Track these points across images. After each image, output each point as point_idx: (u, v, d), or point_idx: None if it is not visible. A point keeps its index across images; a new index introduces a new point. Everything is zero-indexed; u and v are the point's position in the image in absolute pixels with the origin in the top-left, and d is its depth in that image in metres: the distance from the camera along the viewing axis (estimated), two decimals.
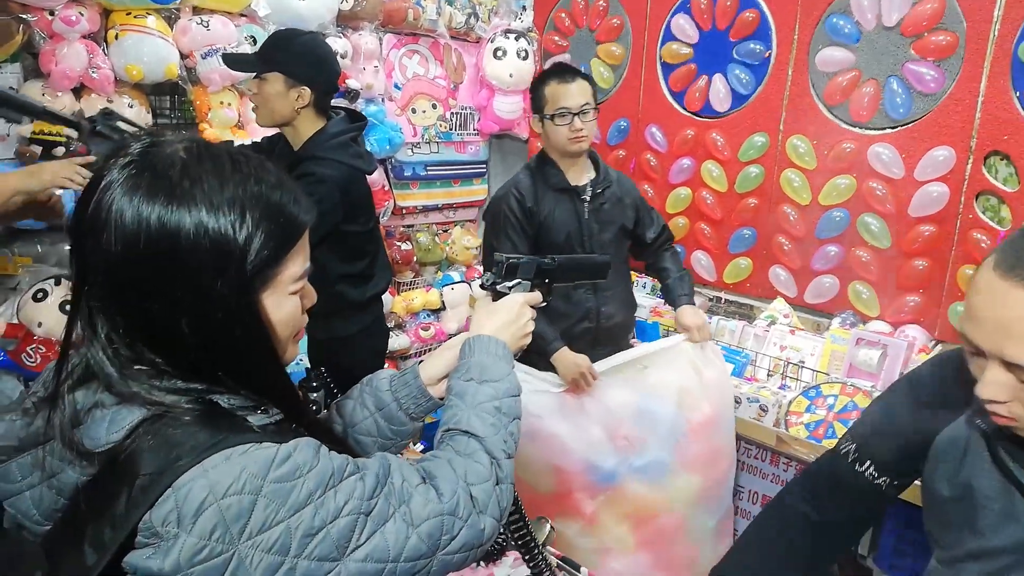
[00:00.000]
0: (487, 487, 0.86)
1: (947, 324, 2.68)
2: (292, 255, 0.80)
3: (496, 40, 3.59)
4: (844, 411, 2.51)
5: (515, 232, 2.35)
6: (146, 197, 0.71)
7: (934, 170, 2.61)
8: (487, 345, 1.01)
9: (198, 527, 0.67)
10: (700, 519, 2.38)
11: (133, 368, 0.75)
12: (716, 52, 3.11)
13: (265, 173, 0.79)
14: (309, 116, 2.14)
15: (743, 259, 3.21)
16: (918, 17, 2.55)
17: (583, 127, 2.29)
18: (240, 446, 0.71)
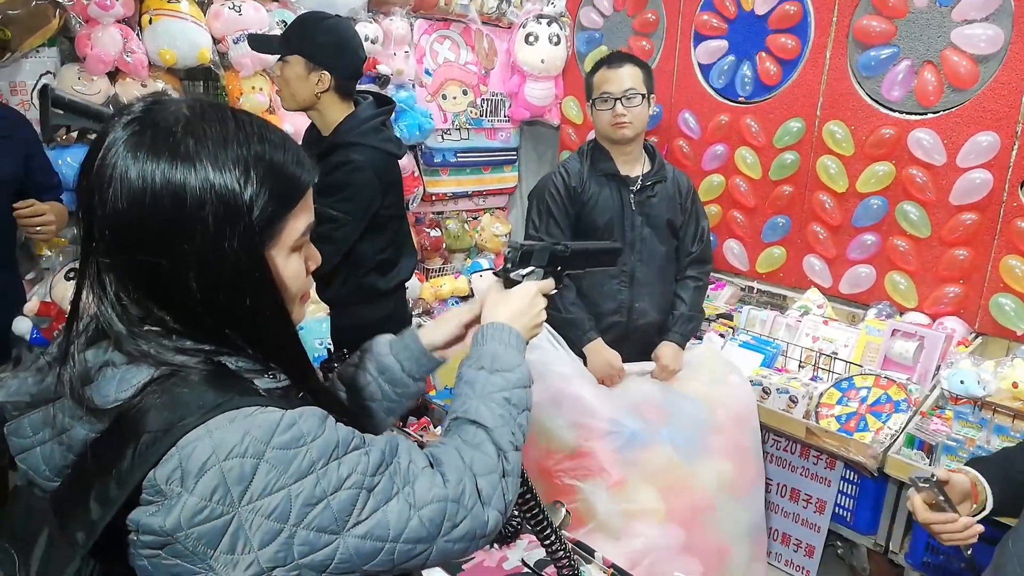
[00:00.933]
0: (493, 479, 0.85)
1: (988, 316, 2.59)
2: (296, 212, 0.81)
3: (528, 25, 3.56)
4: (877, 404, 2.44)
5: (558, 210, 2.33)
6: (151, 155, 0.72)
7: (977, 156, 2.52)
8: (500, 333, 1.00)
9: (200, 487, 0.68)
10: (734, 512, 2.31)
11: (143, 327, 0.75)
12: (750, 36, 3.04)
13: (268, 132, 0.79)
14: (333, 101, 2.12)
15: (777, 248, 3.14)
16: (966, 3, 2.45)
17: (625, 113, 2.23)
18: (245, 408, 0.72)
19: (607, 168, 2.33)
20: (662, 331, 2.40)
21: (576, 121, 3.74)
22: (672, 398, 2.32)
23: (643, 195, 2.34)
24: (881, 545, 2.51)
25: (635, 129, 2.27)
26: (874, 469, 2.31)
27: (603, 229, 2.32)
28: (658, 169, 2.36)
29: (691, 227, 2.43)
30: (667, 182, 2.37)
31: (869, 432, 2.37)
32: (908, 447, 2.28)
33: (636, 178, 2.34)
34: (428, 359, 1.09)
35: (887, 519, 2.49)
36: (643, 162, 2.37)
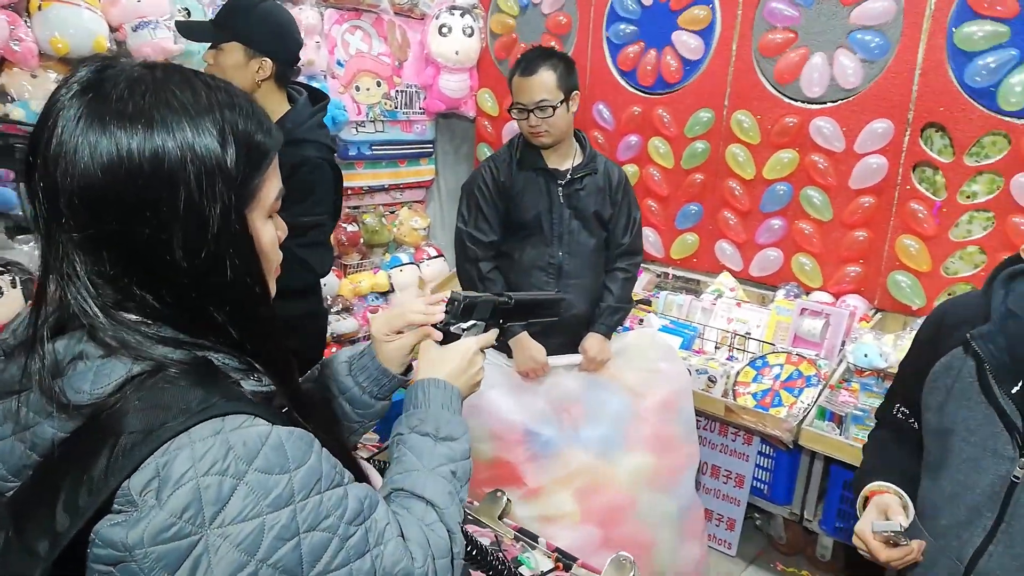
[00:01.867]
0: (445, 563, 0.82)
1: (886, 293, 2.76)
2: (268, 175, 0.77)
3: (441, 16, 3.53)
4: (790, 379, 2.56)
5: (486, 204, 2.32)
6: (121, 121, 0.67)
7: (873, 142, 2.68)
8: (443, 395, 0.95)
9: (172, 502, 0.62)
10: (656, 502, 2.35)
11: (119, 313, 0.70)
12: (661, 26, 3.12)
13: (236, 97, 0.75)
14: (271, 90, 2.02)
15: (690, 235, 3.25)
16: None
17: (539, 123, 2.20)
18: (232, 417, 0.67)
19: (535, 162, 2.31)
20: (590, 323, 2.42)
21: (492, 113, 3.74)
22: (595, 393, 2.35)
23: (571, 188, 2.33)
24: (796, 514, 2.64)
25: (553, 136, 2.24)
26: (789, 442, 2.43)
27: (531, 223, 2.32)
28: (588, 161, 2.36)
29: (622, 219, 2.43)
30: (597, 174, 2.37)
31: (784, 407, 2.49)
32: (820, 419, 2.40)
33: (565, 171, 2.32)
34: (389, 378, 1.03)
35: (801, 489, 2.62)
36: (574, 154, 2.37)
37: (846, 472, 2.43)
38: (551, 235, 2.33)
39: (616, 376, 2.38)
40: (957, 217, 2.57)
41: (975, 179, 2.52)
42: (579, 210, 2.34)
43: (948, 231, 2.60)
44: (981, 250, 2.55)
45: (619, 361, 2.41)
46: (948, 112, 2.52)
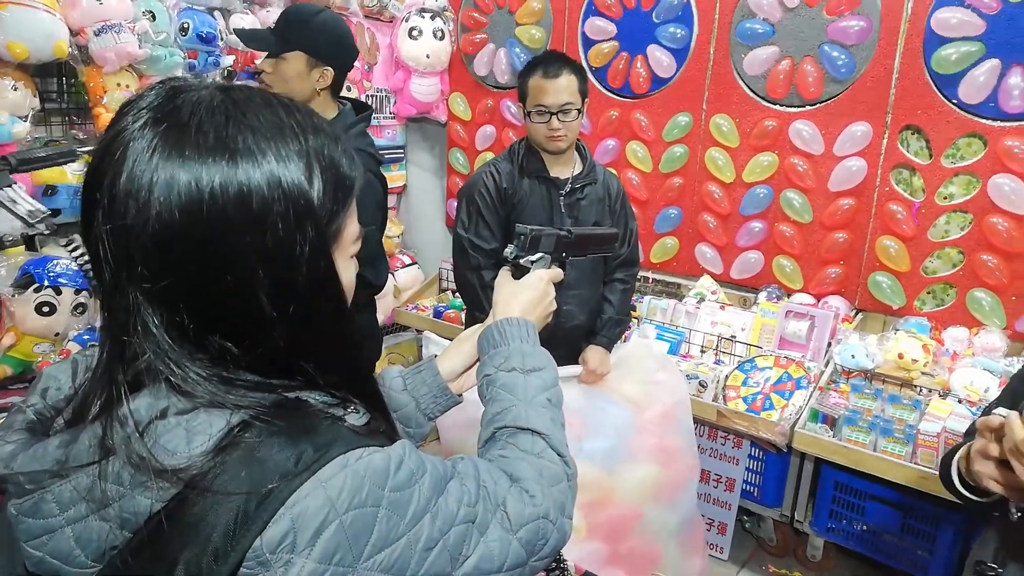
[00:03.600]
0: (563, 487, 0.81)
1: (867, 293, 2.80)
2: (350, 212, 0.71)
3: (411, 19, 3.45)
4: (780, 383, 2.57)
5: (487, 211, 2.26)
6: (198, 156, 0.59)
7: (852, 145, 2.71)
8: (521, 330, 0.95)
9: (318, 550, 0.58)
10: (660, 515, 2.32)
11: (201, 366, 0.63)
12: (638, 32, 3.10)
13: (319, 123, 0.69)
14: (327, 99, 1.99)
15: (670, 238, 3.24)
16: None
17: (561, 127, 2.16)
18: (353, 451, 0.63)
19: (538, 170, 2.27)
20: (590, 334, 2.38)
21: (464, 118, 3.68)
22: (596, 404, 2.31)
23: (572, 197, 2.29)
24: (787, 516, 2.65)
25: (569, 141, 2.22)
26: (783, 445, 2.43)
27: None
28: (588, 171, 2.33)
29: (620, 229, 2.39)
30: (597, 184, 2.33)
31: (775, 410, 2.49)
32: (812, 421, 2.41)
33: (566, 180, 2.28)
34: (447, 397, 1.00)
35: (791, 491, 2.63)
36: (574, 163, 2.33)
37: (837, 473, 2.45)
38: None
39: (615, 388, 2.35)
40: (935, 218, 2.62)
41: (952, 180, 2.57)
42: (580, 220, 2.29)
43: (926, 232, 2.64)
44: (959, 250, 2.60)
45: (617, 372, 2.37)
46: (925, 115, 2.56)
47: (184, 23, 2.65)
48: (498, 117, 3.60)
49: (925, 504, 2.31)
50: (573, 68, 2.19)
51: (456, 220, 2.33)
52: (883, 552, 2.47)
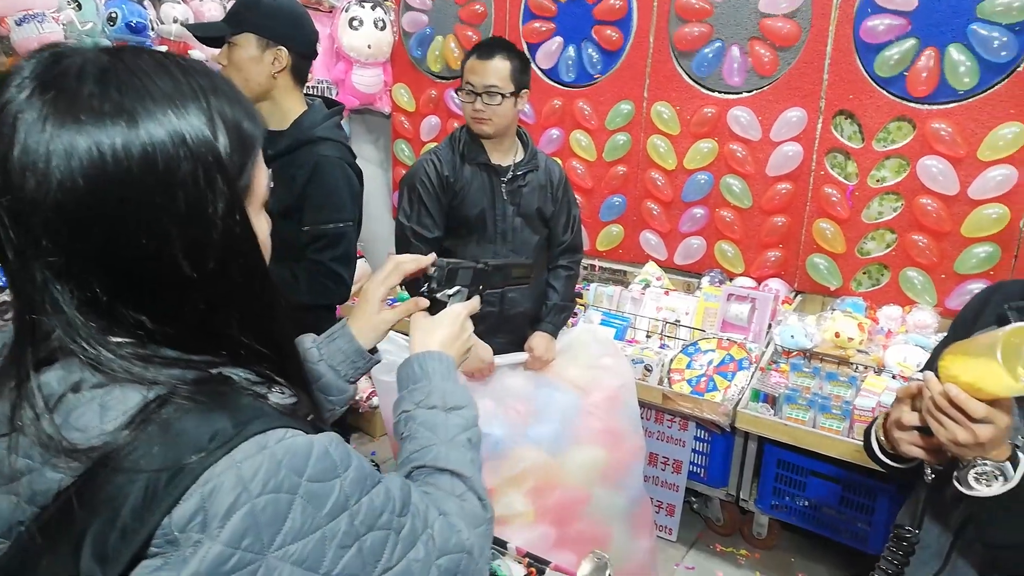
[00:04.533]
0: (483, 531, 0.80)
1: (805, 275, 2.86)
2: (257, 166, 0.69)
3: (351, 9, 3.41)
4: (722, 364, 2.62)
5: (430, 199, 2.24)
6: (95, 120, 0.57)
7: (788, 131, 2.77)
8: (440, 365, 0.93)
9: (227, 532, 0.56)
10: (608, 497, 2.34)
11: (115, 340, 0.61)
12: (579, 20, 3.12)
13: (220, 81, 0.66)
14: (289, 85, 1.89)
15: (615, 226, 3.27)
16: None
17: (485, 110, 2.15)
18: (273, 432, 0.61)
19: (479, 157, 2.25)
20: (535, 321, 2.39)
21: (408, 109, 3.65)
22: (541, 390, 2.32)
23: (514, 184, 2.29)
24: (732, 495, 2.71)
25: (495, 126, 2.19)
26: (727, 425, 2.48)
27: (475, 219, 2.27)
28: (530, 158, 2.32)
29: (563, 216, 2.41)
30: (539, 171, 2.34)
31: (718, 391, 2.54)
32: (754, 401, 2.46)
33: (508, 167, 2.28)
34: (364, 359, 1.00)
35: (736, 470, 2.68)
36: (516, 151, 2.32)
37: (780, 451, 2.51)
38: (494, 232, 2.28)
39: (561, 373, 2.35)
40: (868, 200, 2.70)
41: (883, 163, 2.65)
42: (522, 207, 2.30)
43: (860, 214, 2.72)
44: (891, 231, 2.68)
45: (563, 358, 2.38)
46: (857, 100, 2.63)
47: (112, 12, 2.57)
48: (443, 107, 3.58)
49: (862, 477, 2.38)
50: (509, 54, 2.17)
51: (399, 209, 2.31)
52: (825, 526, 2.54)
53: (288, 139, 1.86)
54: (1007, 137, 2.40)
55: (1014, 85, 2.37)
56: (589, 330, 2.59)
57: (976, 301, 1.21)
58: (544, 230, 2.39)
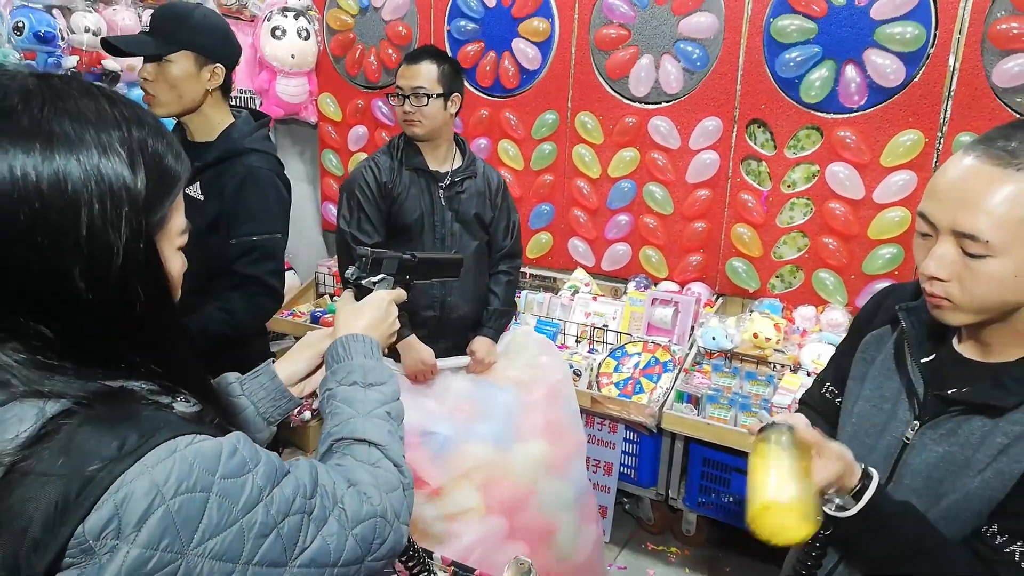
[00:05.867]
0: (399, 494, 0.83)
1: (725, 278, 2.97)
2: (176, 204, 0.72)
3: (273, 18, 3.37)
4: (648, 366, 2.69)
5: (369, 206, 2.27)
6: (13, 140, 0.59)
7: (706, 139, 2.86)
8: (363, 346, 0.97)
9: (144, 535, 0.58)
10: (554, 489, 2.38)
11: (16, 355, 0.62)
12: (501, 29, 3.16)
13: (143, 115, 0.68)
14: (218, 100, 1.87)
15: (544, 234, 3.32)
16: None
17: (413, 111, 2.21)
18: (182, 437, 0.63)
19: (417, 163, 2.30)
20: (476, 325, 2.43)
21: (335, 118, 3.63)
22: (484, 390, 2.36)
23: (452, 191, 2.33)
24: (662, 494, 2.78)
25: (425, 128, 2.24)
26: (653, 426, 2.54)
27: (414, 225, 2.30)
28: (468, 165, 2.37)
29: (502, 222, 2.45)
30: (477, 178, 2.38)
31: (645, 393, 2.61)
32: (679, 402, 2.54)
33: (446, 173, 2.33)
34: (287, 400, 1.01)
35: (664, 470, 2.75)
36: (453, 158, 2.37)
37: (705, 450, 2.59)
38: (433, 238, 2.33)
39: (501, 373, 2.42)
40: (781, 205, 2.82)
41: (794, 169, 2.77)
42: (460, 213, 2.35)
43: (775, 218, 2.83)
44: (803, 234, 2.81)
45: (503, 360, 2.45)
46: (768, 109, 2.75)
47: (19, 22, 2.48)
48: (369, 117, 3.57)
49: None
50: (437, 59, 2.25)
51: (338, 216, 2.34)
52: None
53: (216, 151, 1.85)
54: (907, 144, 2.55)
55: (911, 95, 2.52)
56: (526, 332, 2.64)
57: (872, 303, 1.27)
58: (483, 235, 2.44)
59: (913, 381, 1.07)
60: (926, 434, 1.05)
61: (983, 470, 0.98)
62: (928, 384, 1.06)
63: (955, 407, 1.02)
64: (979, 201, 0.90)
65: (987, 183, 0.90)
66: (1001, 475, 0.96)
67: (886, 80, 2.52)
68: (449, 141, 2.36)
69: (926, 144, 2.53)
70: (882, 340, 1.18)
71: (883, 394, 1.13)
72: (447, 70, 2.26)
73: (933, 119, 2.51)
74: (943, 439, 1.03)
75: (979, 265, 0.92)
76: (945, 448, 1.02)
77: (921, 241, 0.99)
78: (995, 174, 0.90)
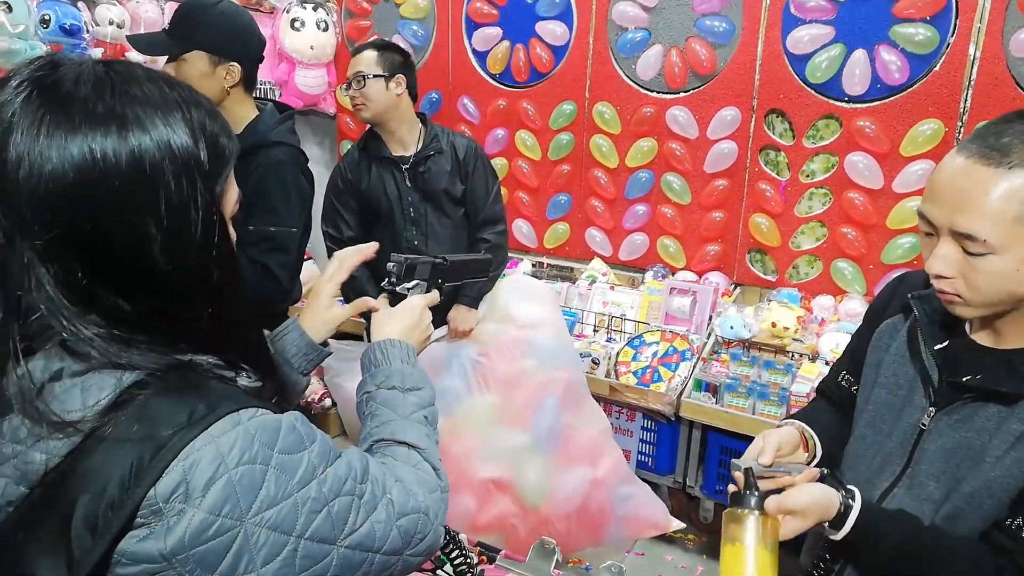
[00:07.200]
0: (438, 496, 0.86)
1: (744, 268, 2.97)
2: (229, 182, 0.75)
3: (292, 10, 3.40)
4: (666, 355, 2.70)
5: (342, 205, 2.39)
6: (91, 124, 0.62)
7: (723, 129, 2.87)
8: (400, 351, 1.00)
9: (208, 501, 0.62)
10: (503, 437, 2.40)
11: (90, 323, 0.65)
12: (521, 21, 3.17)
13: (200, 96, 0.72)
14: (239, 95, 1.89)
15: (561, 224, 3.34)
16: None
17: (356, 95, 2.30)
18: (244, 411, 0.66)
19: (377, 152, 2.38)
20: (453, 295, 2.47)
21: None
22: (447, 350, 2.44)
23: (416, 171, 2.39)
24: (679, 482, 2.80)
25: (370, 110, 2.31)
26: (671, 414, 2.56)
27: (384, 213, 2.39)
28: (428, 143, 2.40)
29: (478, 190, 2.46)
30: (442, 153, 2.42)
31: (663, 382, 2.62)
32: (697, 390, 2.56)
33: (409, 157, 2.38)
34: (315, 351, 1.06)
35: (682, 458, 2.77)
36: (418, 139, 2.41)
37: (723, 438, 2.60)
38: (404, 221, 2.41)
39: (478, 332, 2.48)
40: (800, 195, 2.82)
41: (813, 159, 2.77)
42: (427, 192, 2.40)
43: (793, 208, 2.84)
44: (822, 224, 2.81)
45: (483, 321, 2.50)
46: (787, 99, 2.75)
47: (45, 15, 2.52)
48: None
49: None
50: (379, 47, 2.33)
51: (322, 217, 2.45)
52: None
53: (241, 143, 1.87)
54: (926, 133, 2.54)
55: (932, 84, 2.51)
56: (512, 280, 2.66)
57: (886, 291, 1.28)
58: (457, 209, 2.48)
59: (927, 368, 1.09)
60: (942, 420, 1.06)
61: (1002, 457, 0.99)
62: (942, 371, 1.08)
63: (969, 394, 1.04)
64: (974, 202, 0.92)
65: (981, 183, 0.92)
66: (1020, 463, 0.98)
67: (904, 70, 2.51)
68: (408, 124, 2.40)
69: (946, 133, 2.52)
70: (896, 328, 1.19)
71: (898, 381, 1.14)
72: (388, 55, 2.32)
73: (953, 108, 2.50)
74: (959, 425, 1.04)
75: (981, 263, 0.94)
76: (961, 434, 1.04)
77: (925, 239, 1.01)
78: (988, 174, 0.91)
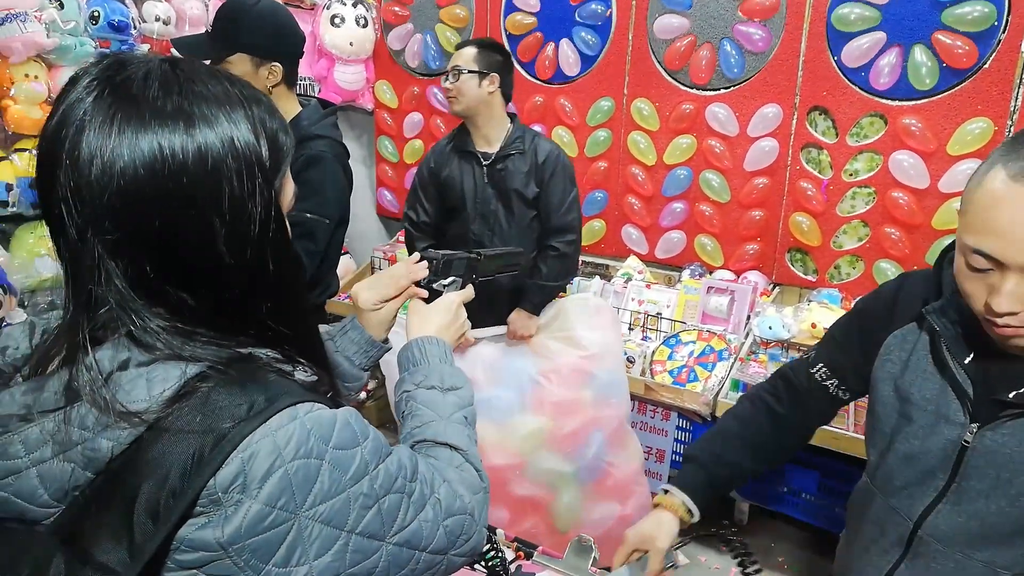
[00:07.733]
0: (480, 497, 0.86)
1: (784, 267, 2.93)
2: (286, 178, 0.76)
3: (332, 7, 3.43)
4: (703, 355, 2.68)
5: (423, 190, 2.53)
6: (160, 121, 0.64)
7: (764, 126, 2.83)
8: (438, 349, 1.01)
9: (265, 492, 0.63)
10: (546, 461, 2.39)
11: (160, 317, 0.67)
12: (560, 18, 3.16)
13: (260, 94, 0.74)
14: (283, 94, 1.93)
15: (597, 221, 3.32)
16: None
17: (450, 88, 2.38)
18: (302, 404, 0.68)
19: (464, 145, 2.46)
20: (514, 296, 2.49)
21: (391, 105, 3.67)
22: (507, 359, 2.43)
23: (494, 168, 2.44)
24: None
25: (461, 104, 2.37)
26: (707, 415, 2.54)
27: (459, 204, 2.48)
28: (511, 142, 2.43)
29: (553, 197, 2.44)
30: (523, 154, 2.43)
31: (699, 382, 2.60)
32: (734, 391, 2.53)
33: (491, 154, 2.44)
34: (376, 347, 1.07)
35: None
36: (505, 138, 2.45)
37: None
38: (473, 213, 2.46)
39: (536, 344, 2.46)
40: (842, 194, 2.77)
41: (856, 158, 2.72)
42: (501, 190, 2.44)
43: (835, 207, 2.79)
44: (864, 223, 2.76)
45: (546, 329, 2.50)
46: (830, 96, 2.70)
47: (94, 11, 2.57)
48: (425, 104, 3.61)
49: (838, 463, 2.45)
50: (480, 44, 2.40)
51: (407, 198, 2.61)
52: (803, 511, 2.61)
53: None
54: (975, 132, 2.48)
55: (981, 81, 2.45)
56: (581, 299, 2.62)
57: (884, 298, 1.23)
58: (528, 211, 2.48)
59: (960, 382, 1.06)
60: (987, 435, 1.03)
61: None
62: (976, 384, 1.04)
63: (1014, 408, 1.00)
64: None
65: None
66: None
67: (957, 62, 2.45)
68: (496, 121, 2.44)
69: (995, 132, 2.46)
70: (908, 340, 1.15)
71: (924, 396, 1.10)
72: (487, 53, 2.38)
73: (1003, 107, 2.44)
74: (1007, 439, 1.02)
75: None
76: (1012, 449, 1.01)
77: (974, 274, 0.94)
78: None
